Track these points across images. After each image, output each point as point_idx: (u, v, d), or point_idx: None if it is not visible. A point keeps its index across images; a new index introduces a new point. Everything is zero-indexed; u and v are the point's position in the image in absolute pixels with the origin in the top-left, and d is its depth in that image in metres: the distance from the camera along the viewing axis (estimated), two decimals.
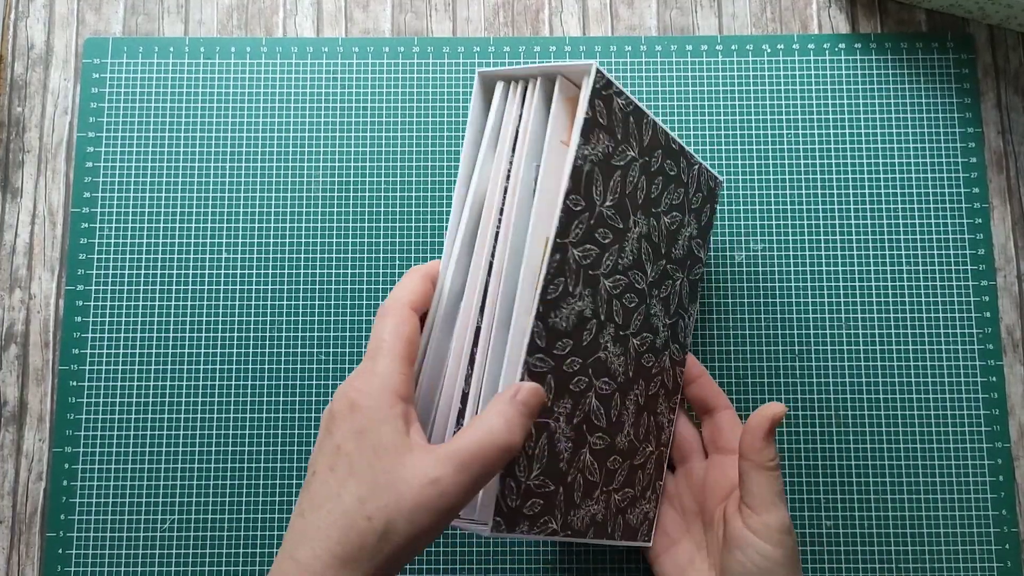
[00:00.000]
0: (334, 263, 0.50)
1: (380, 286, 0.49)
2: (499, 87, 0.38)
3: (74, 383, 0.48)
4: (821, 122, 0.51)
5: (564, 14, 0.53)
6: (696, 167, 0.42)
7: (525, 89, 0.37)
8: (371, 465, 0.29)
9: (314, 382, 0.48)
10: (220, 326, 0.49)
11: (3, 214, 0.50)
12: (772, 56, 0.52)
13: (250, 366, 0.49)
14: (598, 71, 0.35)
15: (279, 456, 0.48)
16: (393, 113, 0.51)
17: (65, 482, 0.47)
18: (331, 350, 0.49)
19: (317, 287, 0.49)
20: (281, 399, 0.48)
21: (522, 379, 0.33)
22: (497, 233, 0.36)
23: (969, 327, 0.49)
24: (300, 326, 0.49)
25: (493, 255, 0.36)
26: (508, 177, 0.36)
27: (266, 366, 0.49)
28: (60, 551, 0.47)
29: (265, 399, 0.48)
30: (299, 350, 0.49)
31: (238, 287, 0.49)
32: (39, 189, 0.50)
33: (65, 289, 0.49)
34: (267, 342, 0.49)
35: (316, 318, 0.49)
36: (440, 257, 0.39)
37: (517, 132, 0.37)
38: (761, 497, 0.38)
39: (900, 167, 0.51)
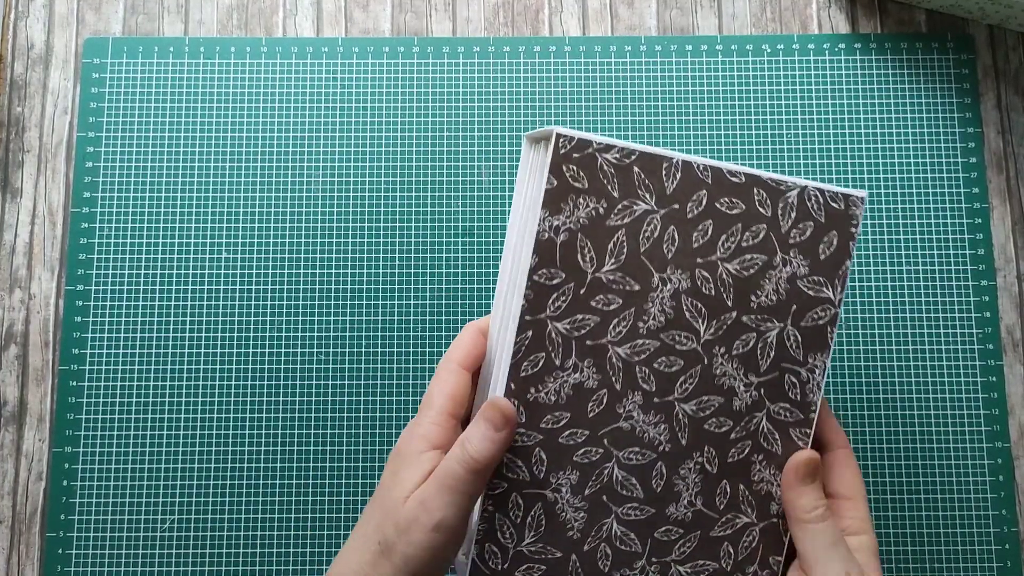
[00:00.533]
0: (333, 263, 0.50)
1: (379, 286, 0.49)
2: (530, 147, 0.38)
3: (74, 383, 0.48)
4: (821, 122, 0.51)
5: (564, 14, 0.53)
6: (792, 193, 0.36)
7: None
8: (390, 497, 0.34)
9: (313, 382, 0.48)
10: (220, 326, 0.49)
11: (3, 214, 0.50)
12: (772, 56, 0.52)
13: (250, 366, 0.49)
14: (560, 136, 0.33)
15: (278, 456, 0.48)
16: (393, 113, 0.51)
17: (65, 482, 0.47)
18: (331, 350, 0.49)
19: (316, 287, 0.49)
20: (281, 399, 0.48)
21: None
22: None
23: (969, 327, 0.49)
24: (300, 326, 0.49)
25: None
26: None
27: (266, 366, 0.49)
28: (60, 551, 0.47)
29: (265, 399, 0.48)
30: (299, 350, 0.49)
31: (238, 287, 0.49)
32: (39, 189, 0.50)
33: (65, 289, 0.49)
34: (267, 342, 0.49)
35: (316, 318, 0.49)
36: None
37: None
38: (806, 553, 0.35)
39: (900, 167, 0.51)
